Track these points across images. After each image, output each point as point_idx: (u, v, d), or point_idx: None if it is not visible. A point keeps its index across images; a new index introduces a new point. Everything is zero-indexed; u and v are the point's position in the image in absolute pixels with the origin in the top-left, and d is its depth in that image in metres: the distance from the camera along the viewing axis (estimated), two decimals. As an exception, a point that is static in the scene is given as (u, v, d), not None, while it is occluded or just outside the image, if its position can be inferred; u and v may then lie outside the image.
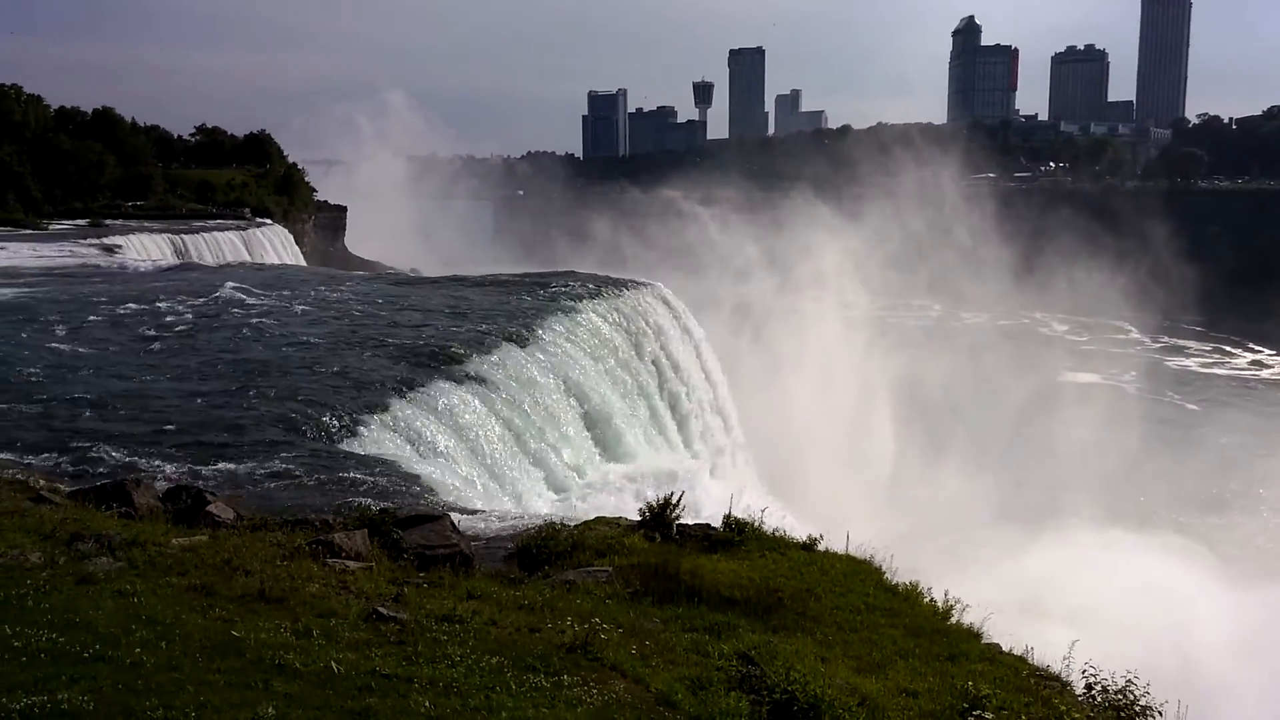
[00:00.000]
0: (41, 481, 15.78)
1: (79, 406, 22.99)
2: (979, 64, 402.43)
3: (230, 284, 47.80)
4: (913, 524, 43.77)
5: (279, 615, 10.23)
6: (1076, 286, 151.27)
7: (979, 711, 9.96)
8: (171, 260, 71.31)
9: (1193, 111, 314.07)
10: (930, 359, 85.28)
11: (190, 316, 37.88)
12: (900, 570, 14.40)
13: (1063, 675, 11.85)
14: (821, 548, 15.06)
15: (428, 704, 8.22)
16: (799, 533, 15.64)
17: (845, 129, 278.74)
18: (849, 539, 15.24)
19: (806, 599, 12.78)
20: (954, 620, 13.13)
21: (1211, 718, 10.31)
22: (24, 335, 32.33)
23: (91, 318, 36.90)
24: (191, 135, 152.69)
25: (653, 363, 43.43)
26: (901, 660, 11.49)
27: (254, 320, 37.42)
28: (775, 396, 63.38)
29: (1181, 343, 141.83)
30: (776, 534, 15.35)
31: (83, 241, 73.77)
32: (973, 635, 12.78)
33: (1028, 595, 30.60)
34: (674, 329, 47.72)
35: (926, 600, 13.57)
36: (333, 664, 8.86)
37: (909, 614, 12.85)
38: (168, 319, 37.15)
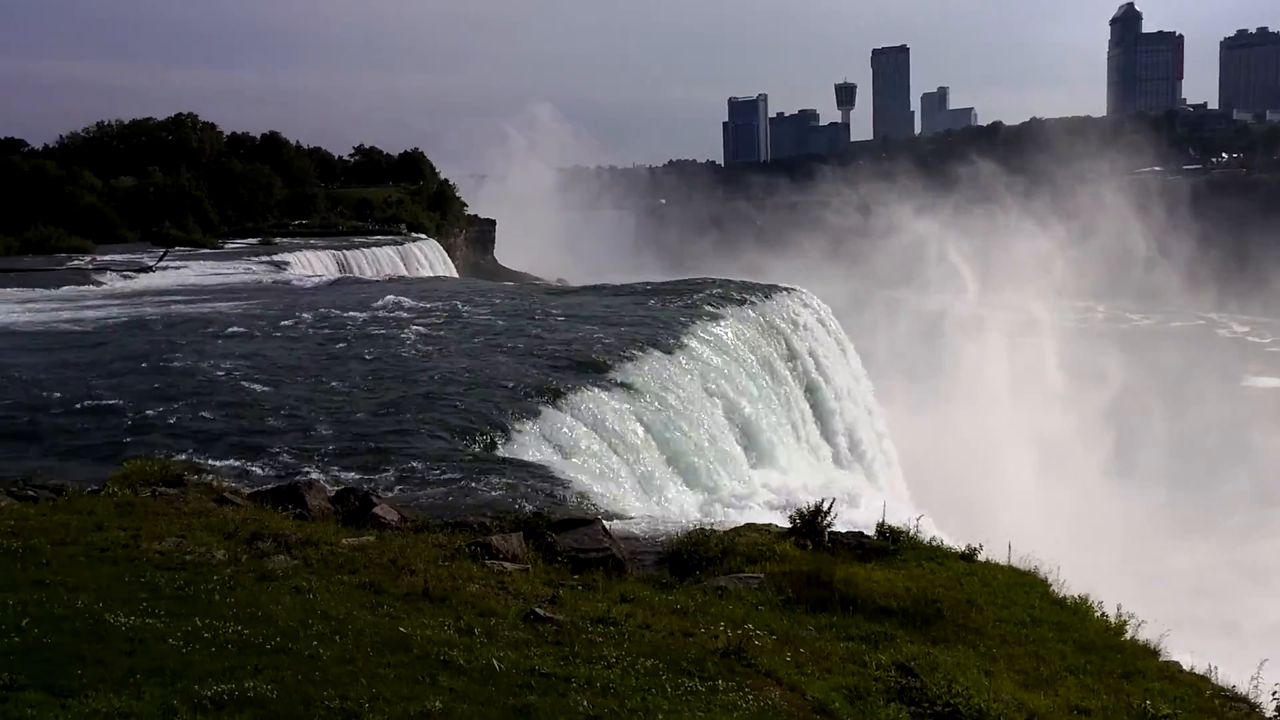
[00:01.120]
0: (224, 483, 16.82)
1: (255, 413, 24.40)
2: (1140, 52, 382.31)
3: (388, 296, 49.88)
4: (1080, 534, 41.71)
5: (442, 613, 10.57)
6: (1256, 284, 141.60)
7: (1159, 731, 9.45)
8: (334, 275, 74.97)
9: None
10: (1101, 361, 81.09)
11: (352, 328, 39.72)
12: (1069, 583, 13.78)
13: (1250, 696, 11.08)
14: (982, 558, 14.57)
15: (585, 703, 8.35)
16: (957, 543, 15.18)
17: (996, 125, 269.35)
18: (1011, 549, 14.69)
19: (967, 610, 12.37)
20: (1128, 636, 12.44)
21: None
22: (204, 347, 34.55)
23: (262, 330, 39.16)
24: (350, 155, 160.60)
25: (799, 370, 42.98)
26: (1071, 676, 10.96)
27: (410, 331, 38.93)
28: (933, 403, 61.67)
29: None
30: (933, 543, 14.95)
31: (254, 259, 78.45)
32: (1149, 652, 12.09)
33: (1212, 612, 28.73)
34: (821, 335, 47.12)
35: (1098, 615, 12.91)
36: (494, 661, 9.10)
37: (1079, 628, 12.26)
38: (332, 331, 39.07)
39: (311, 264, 79.27)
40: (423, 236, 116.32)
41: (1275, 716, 10.15)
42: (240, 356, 32.90)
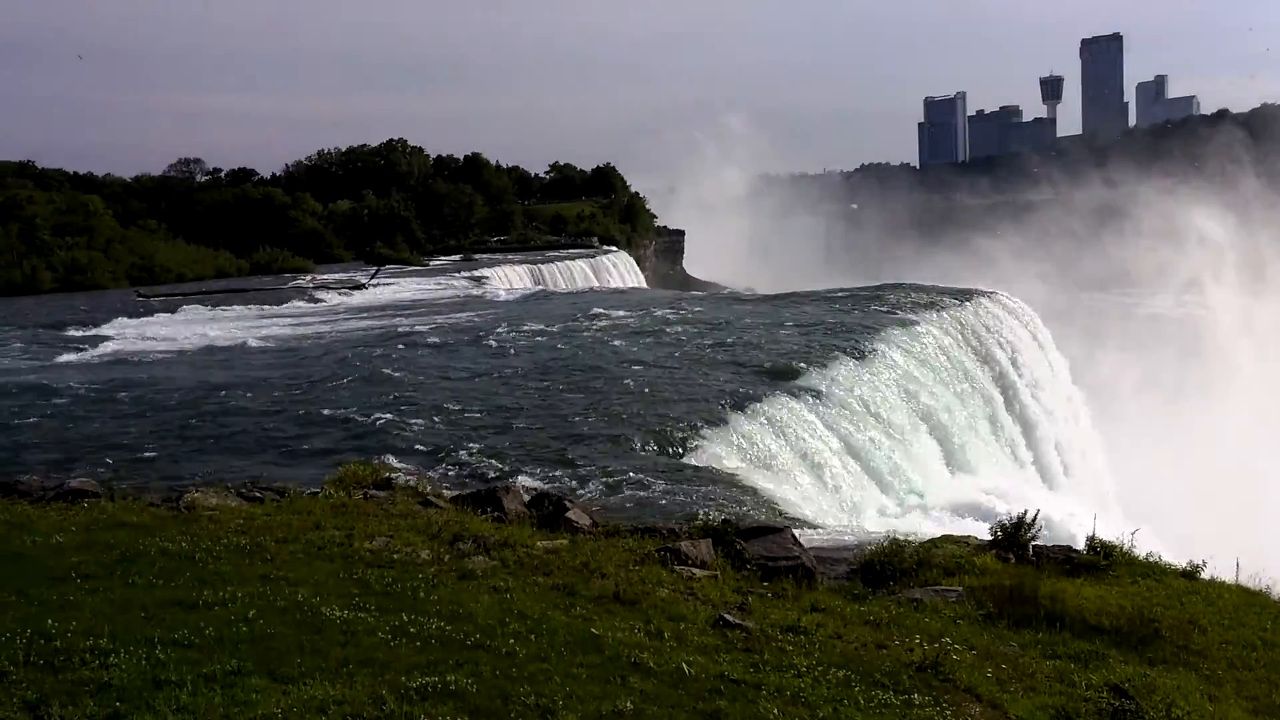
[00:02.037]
0: (429, 487, 17.68)
1: (457, 421, 25.62)
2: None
3: (581, 308, 51.23)
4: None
5: (632, 617, 10.71)
6: None
7: None
8: (531, 288, 77.70)
9: None
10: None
11: (546, 339, 41.04)
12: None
13: None
14: (1205, 575, 13.49)
15: (775, 711, 8.26)
16: (1175, 560, 14.11)
17: (1223, 113, 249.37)
18: (1239, 567, 13.52)
19: (1189, 631, 11.46)
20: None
21: None
22: (413, 359, 36.57)
23: (464, 342, 41.06)
24: (546, 173, 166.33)
25: (1000, 377, 41.15)
26: (1308, 704, 10.00)
27: (602, 341, 39.84)
28: (1153, 412, 57.47)
29: None
30: (1150, 560, 13.95)
31: (457, 275, 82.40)
32: (1397, 680, 10.87)
33: None
34: (1024, 341, 44.96)
35: (1337, 639, 11.72)
36: (683, 665, 9.13)
37: (1318, 653, 11.17)
38: (526, 342, 40.51)
39: (509, 278, 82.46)
40: (613, 249, 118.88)
41: None
42: (444, 367, 34.62)
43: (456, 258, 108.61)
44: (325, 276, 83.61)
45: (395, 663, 8.52)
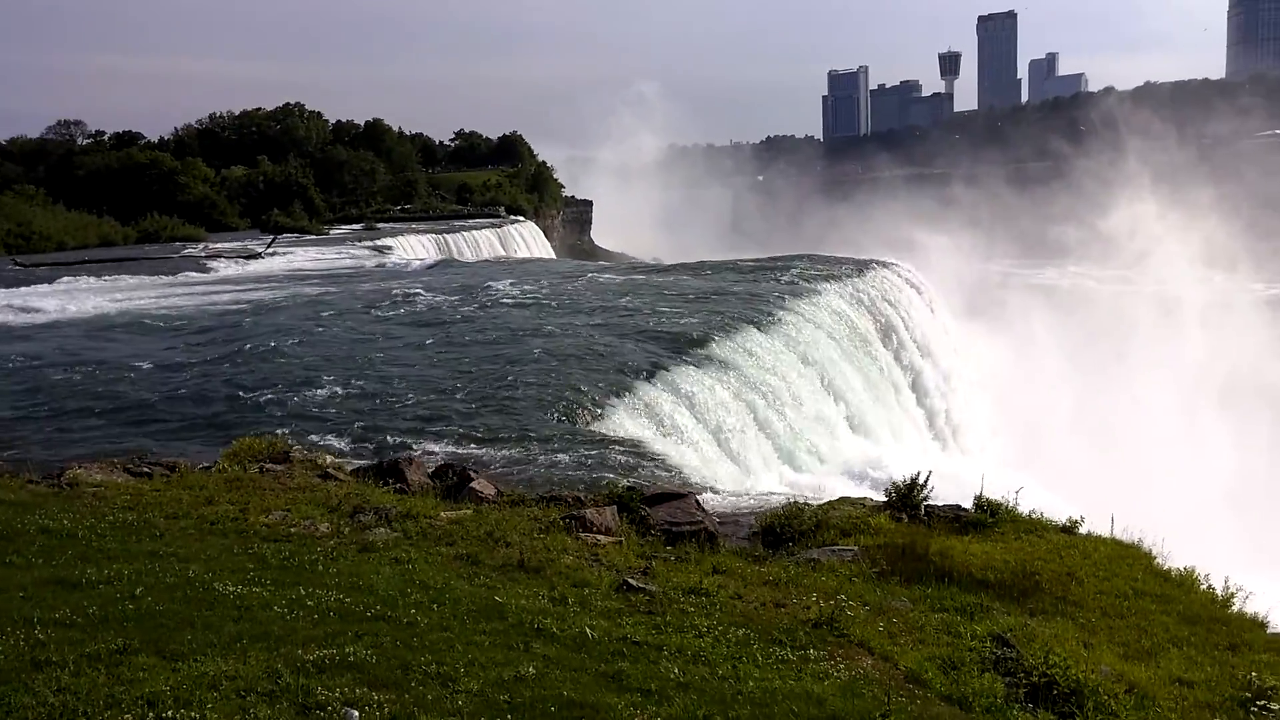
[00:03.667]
0: (328, 459, 17.41)
1: (358, 392, 25.17)
2: (1263, 10, 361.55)
3: (486, 278, 50.74)
4: (1194, 508, 40.00)
5: (537, 584, 10.82)
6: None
7: (1264, 703, 9.07)
8: (435, 258, 76.54)
9: None
10: (1223, 332, 77.37)
11: (451, 309, 40.56)
12: (1174, 556, 13.30)
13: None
14: (1083, 530, 14.17)
15: (677, 670, 8.45)
16: (1058, 516, 14.78)
17: (1108, 91, 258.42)
18: (1114, 522, 14.24)
19: (1067, 583, 12.06)
20: (1235, 608, 11.98)
21: None
22: (311, 329, 35.75)
23: (366, 312, 40.30)
24: (450, 140, 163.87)
25: (897, 343, 42.27)
26: (1174, 648, 10.60)
27: (507, 310, 39.57)
28: (1041, 376, 59.72)
29: None
30: (1032, 516, 14.60)
31: (359, 244, 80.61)
32: (1258, 624, 11.62)
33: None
34: (921, 310, 46.22)
35: (1203, 587, 12.45)
36: (587, 630, 9.28)
37: (1183, 601, 11.84)
38: (432, 311, 39.98)
39: (413, 247, 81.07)
40: (520, 219, 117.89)
41: None
42: (344, 338, 33.95)
43: (358, 226, 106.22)
44: (218, 245, 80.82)
45: (292, 636, 8.46)
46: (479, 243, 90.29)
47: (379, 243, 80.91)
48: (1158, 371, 64.98)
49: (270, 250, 77.69)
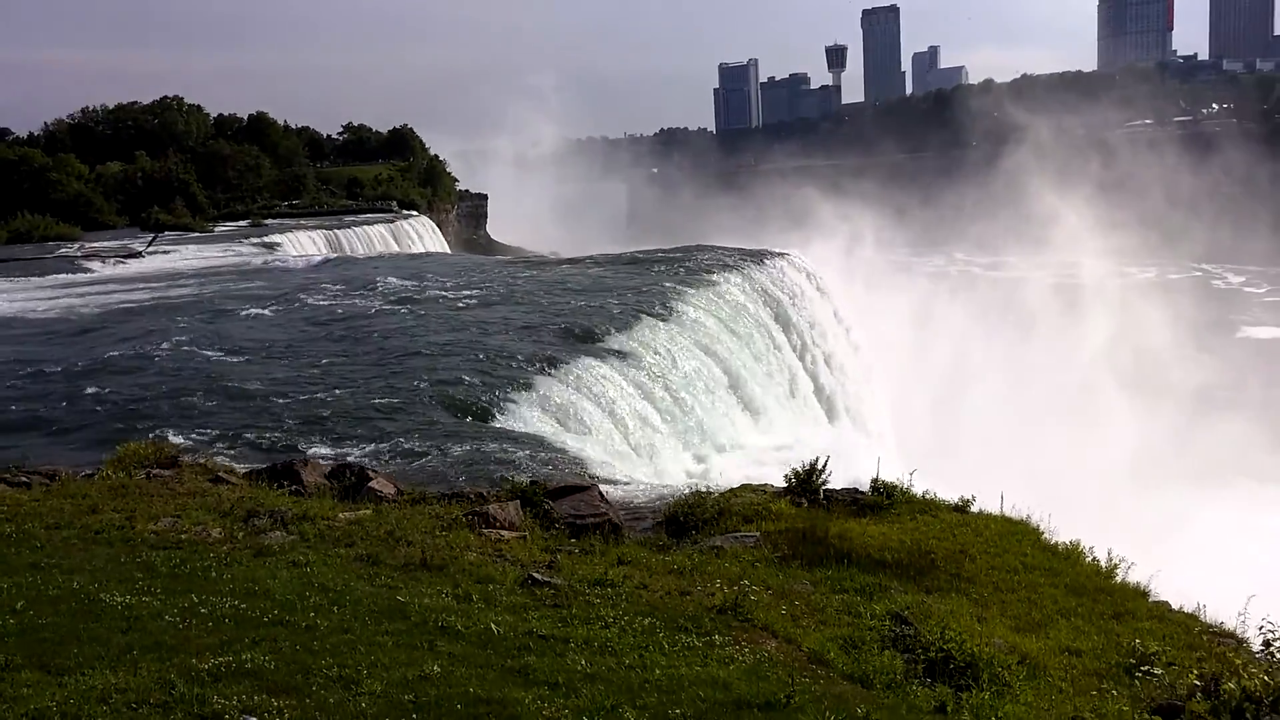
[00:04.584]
0: (219, 463, 16.86)
1: (250, 393, 24.42)
2: (1131, 5, 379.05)
3: (380, 274, 49.77)
4: (1076, 484, 41.86)
5: (440, 582, 10.69)
6: (1249, 235, 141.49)
7: (1147, 668, 9.56)
8: (326, 254, 74.73)
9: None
10: (1098, 316, 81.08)
11: (345, 307, 39.66)
12: (1061, 531, 13.89)
13: (1238, 632, 11.23)
14: (975, 509, 14.69)
15: (584, 662, 8.46)
16: (950, 496, 15.27)
17: (987, 83, 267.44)
18: (1003, 500, 14.79)
19: (960, 560, 12.49)
20: (1118, 579, 12.60)
21: None
22: (199, 330, 34.50)
23: (257, 311, 39.10)
24: (339, 134, 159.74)
25: (793, 332, 43.02)
26: (1063, 619, 11.11)
27: (403, 307, 38.87)
28: (926, 361, 61.60)
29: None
30: (926, 496, 15.05)
31: (245, 241, 78.10)
32: (1139, 594, 12.25)
33: (1200, 553, 28.98)
34: (814, 297, 47.12)
35: (1088, 560, 13.05)
36: (492, 626, 9.21)
37: (1070, 573, 12.40)
38: (325, 310, 39.02)
39: (302, 244, 78.97)
40: (414, 213, 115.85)
41: (1262, 650, 10.27)
42: (232, 338, 32.88)
43: (244, 223, 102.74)
44: (96, 244, 77.29)
45: (185, 646, 8.20)
46: (371, 238, 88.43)
47: (267, 239, 78.57)
48: (1049, 354, 67.87)
49: (152, 249, 74.67)
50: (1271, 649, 10.13)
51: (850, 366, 46.16)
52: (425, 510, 14.05)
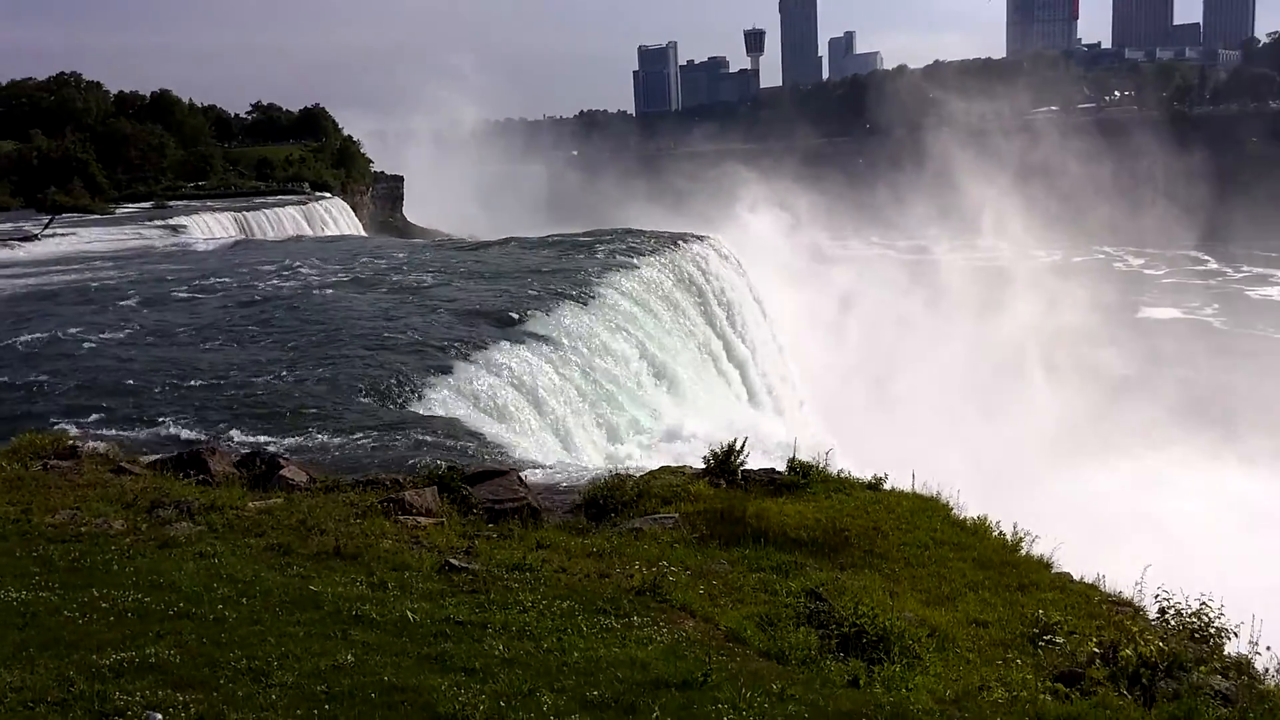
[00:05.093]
0: (122, 454, 16.30)
1: (154, 381, 23.66)
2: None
3: (292, 257, 48.64)
4: (984, 460, 43.14)
5: (355, 570, 10.52)
6: (1147, 218, 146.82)
7: (1049, 637, 9.89)
8: (235, 237, 72.76)
9: (1262, 30, 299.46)
10: (1008, 296, 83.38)
11: (255, 290, 38.67)
12: (969, 506, 14.27)
13: (1135, 600, 11.70)
14: (888, 486, 14.99)
15: (501, 647, 8.42)
16: (865, 474, 15.56)
17: (901, 69, 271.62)
18: (914, 477, 15.13)
19: (873, 536, 12.75)
20: (1023, 552, 13.01)
21: None
22: (100, 316, 33.31)
23: (161, 296, 37.89)
24: (248, 113, 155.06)
25: (713, 315, 43.28)
26: (971, 592, 11.45)
27: (316, 290, 38.06)
28: (839, 342, 62.67)
29: (1262, 271, 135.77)
30: (841, 475, 15.31)
31: (149, 224, 75.47)
32: (1043, 565, 12.68)
33: (1101, 525, 30.16)
34: (733, 281, 47.46)
35: (995, 534, 13.44)
36: (408, 613, 9.10)
37: (977, 547, 12.76)
38: (234, 294, 37.98)
39: (210, 226, 76.64)
40: (327, 195, 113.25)
41: (1158, 618, 10.73)
42: (137, 324, 31.83)
43: (148, 205, 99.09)
44: (-11, 227, 73.99)
45: (85, 641, 7.93)
46: (282, 220, 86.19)
47: (172, 222, 76.03)
48: (963, 336, 69.57)
49: (48, 231, 71.63)
50: (1166, 616, 10.59)
51: (770, 349, 46.68)
52: (339, 498, 13.81)
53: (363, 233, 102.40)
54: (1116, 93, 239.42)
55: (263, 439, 19.17)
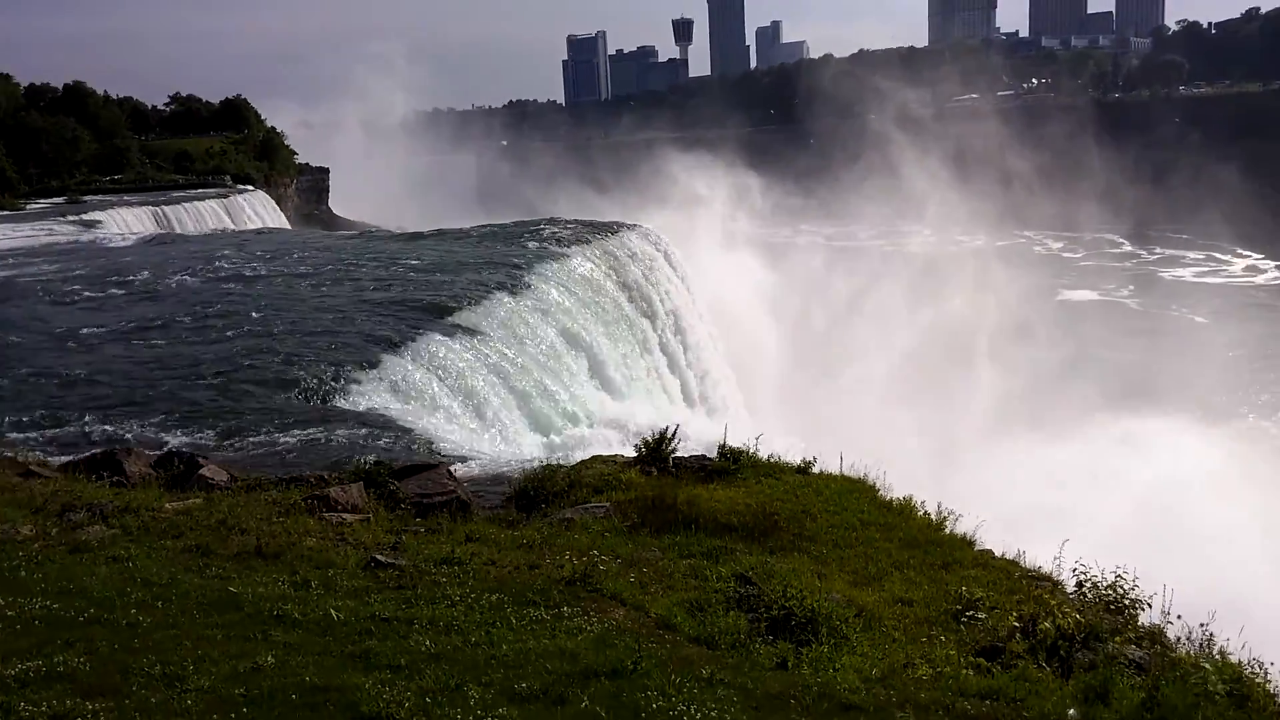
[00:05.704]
0: (30, 456, 15.73)
1: (67, 381, 22.88)
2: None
3: (211, 251, 47.46)
4: (909, 441, 43.92)
5: (277, 570, 10.30)
6: (1065, 203, 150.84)
7: (972, 613, 10.08)
8: (153, 231, 70.76)
9: (1172, 18, 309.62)
10: (934, 281, 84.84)
11: (175, 287, 37.64)
12: (896, 486, 14.47)
13: (1054, 575, 11.98)
14: (817, 470, 15.13)
15: (428, 643, 8.29)
16: (794, 457, 15.67)
17: (827, 58, 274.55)
18: (843, 460, 15.28)
19: (802, 520, 12.86)
20: (948, 531, 13.25)
21: (1204, 604, 10.40)
22: (8, 314, 32.12)
23: (74, 294, 36.67)
24: (166, 105, 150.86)
25: (645, 305, 43.27)
26: (897, 572, 11.62)
27: (238, 285, 37.18)
28: (775, 330, 63.15)
29: (1174, 253, 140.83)
30: (771, 460, 15.41)
31: (62, 219, 73.01)
32: (966, 544, 12.92)
33: (1022, 502, 30.90)
34: (665, 269, 47.50)
35: (920, 514, 13.66)
36: (332, 612, 8.92)
37: (903, 527, 12.95)
38: (152, 291, 36.90)
39: (126, 221, 74.38)
40: (249, 188, 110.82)
41: (1075, 591, 11.01)
42: (49, 323, 30.77)
43: (60, 200, 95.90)
44: (-111, 225, 70.84)
45: (-12, 652, 7.61)
46: (203, 214, 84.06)
47: (86, 217, 73.67)
48: (889, 321, 70.60)
49: (-46, 228, 68.89)
50: (1084, 589, 10.85)
51: (701, 337, 46.85)
52: (261, 497, 13.49)
53: (287, 225, 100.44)
54: (1035, 80, 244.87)
55: (182, 439, 18.68)
